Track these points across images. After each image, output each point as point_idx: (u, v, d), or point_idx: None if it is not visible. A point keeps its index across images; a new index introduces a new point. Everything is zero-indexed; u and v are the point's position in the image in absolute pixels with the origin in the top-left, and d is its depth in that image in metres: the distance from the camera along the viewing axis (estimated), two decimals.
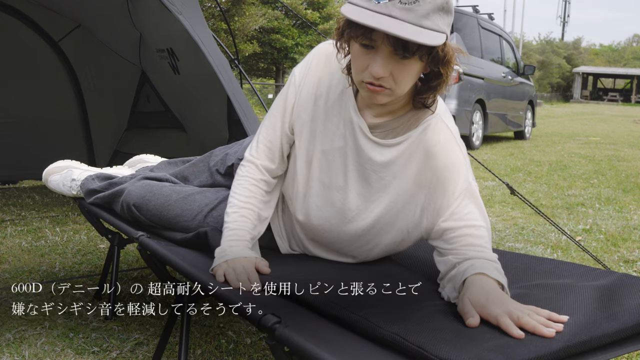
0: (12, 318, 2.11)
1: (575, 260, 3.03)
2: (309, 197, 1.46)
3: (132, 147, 4.34)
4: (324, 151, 1.42)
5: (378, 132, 1.37)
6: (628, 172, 6.46)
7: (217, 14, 15.77)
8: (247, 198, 1.47)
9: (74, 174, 2.16)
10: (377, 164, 1.37)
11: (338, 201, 1.42)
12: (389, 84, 1.23)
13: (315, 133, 1.43)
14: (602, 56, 66.14)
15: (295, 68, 1.47)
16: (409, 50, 1.17)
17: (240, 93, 2.97)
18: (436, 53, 1.21)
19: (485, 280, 1.17)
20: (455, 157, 1.34)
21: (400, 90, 1.26)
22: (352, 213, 1.42)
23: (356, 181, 1.40)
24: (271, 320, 1.03)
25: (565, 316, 1.08)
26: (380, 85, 1.23)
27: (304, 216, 1.49)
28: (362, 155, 1.38)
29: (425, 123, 1.35)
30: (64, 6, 4.13)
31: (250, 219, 1.46)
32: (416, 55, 1.19)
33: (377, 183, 1.38)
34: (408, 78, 1.24)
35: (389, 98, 1.27)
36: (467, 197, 1.32)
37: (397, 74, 1.22)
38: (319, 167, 1.43)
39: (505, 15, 43.94)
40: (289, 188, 1.51)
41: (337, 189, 1.42)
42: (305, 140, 1.45)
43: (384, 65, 1.20)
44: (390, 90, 1.25)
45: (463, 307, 1.13)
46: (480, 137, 9.06)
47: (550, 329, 1.02)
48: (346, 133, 1.39)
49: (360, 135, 1.37)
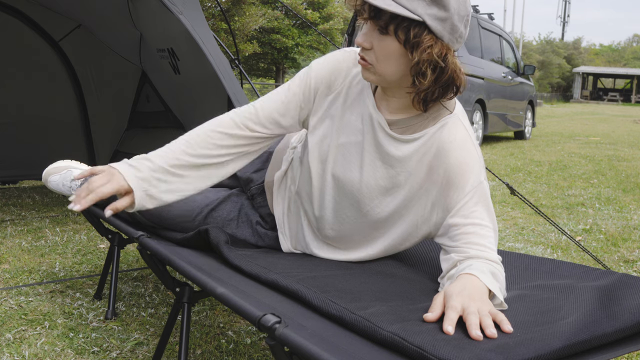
0: (12, 318, 2.11)
1: (575, 260, 3.03)
2: (325, 190, 1.47)
3: (132, 147, 4.34)
4: (340, 145, 1.44)
5: (396, 128, 1.39)
6: (628, 172, 6.46)
7: (217, 13, 15.77)
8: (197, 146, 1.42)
9: (74, 174, 2.16)
10: (393, 159, 1.39)
11: (354, 194, 1.44)
12: (371, 58, 1.30)
13: (331, 131, 1.45)
14: (602, 56, 66.17)
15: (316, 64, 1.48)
16: (380, 19, 1.24)
17: (240, 93, 2.97)
18: (408, 33, 1.24)
19: (471, 279, 1.17)
20: (470, 155, 1.35)
21: (381, 68, 1.30)
22: (368, 207, 1.44)
23: (372, 175, 1.41)
24: (271, 320, 1.03)
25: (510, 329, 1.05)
26: (363, 58, 1.30)
27: (321, 211, 1.50)
28: (380, 150, 1.40)
29: (442, 121, 1.37)
30: (64, 6, 4.13)
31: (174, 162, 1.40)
32: (390, 29, 1.24)
33: (394, 177, 1.40)
34: (387, 57, 1.28)
35: (374, 76, 1.32)
36: (477, 196, 1.33)
37: (377, 49, 1.28)
38: (334, 161, 1.45)
39: (505, 15, 43.92)
40: (305, 186, 1.52)
41: (352, 182, 1.43)
42: (319, 138, 1.46)
43: (365, 35, 1.29)
44: (373, 67, 1.30)
45: (434, 299, 1.14)
46: (480, 137, 9.06)
47: (478, 332, 1.01)
48: (364, 128, 1.41)
49: (379, 129, 1.39)
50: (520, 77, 10.46)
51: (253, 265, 1.41)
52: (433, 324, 1.07)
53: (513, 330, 1.05)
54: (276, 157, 1.71)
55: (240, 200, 1.75)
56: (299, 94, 1.47)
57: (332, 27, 22.23)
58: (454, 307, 1.07)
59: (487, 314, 1.06)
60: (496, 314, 1.07)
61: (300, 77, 1.48)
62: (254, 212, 1.73)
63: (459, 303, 1.08)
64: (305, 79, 1.47)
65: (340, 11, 22.70)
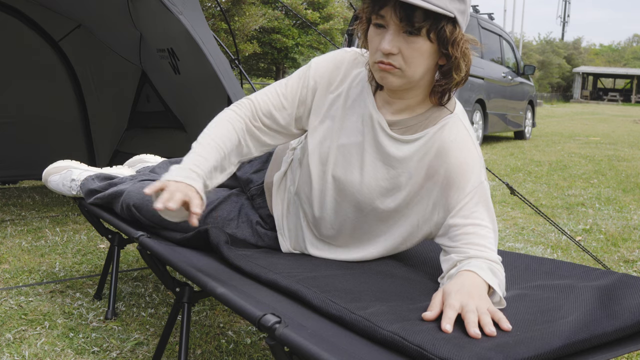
0: (12, 318, 2.11)
1: (575, 260, 3.03)
2: (326, 191, 1.47)
3: (132, 147, 4.34)
4: (340, 146, 1.44)
5: (396, 129, 1.39)
6: (628, 172, 6.46)
7: (217, 13, 15.78)
8: (224, 137, 1.41)
9: (74, 174, 2.17)
10: (394, 159, 1.39)
11: (354, 195, 1.44)
12: (399, 62, 1.26)
13: (331, 132, 1.44)
14: (602, 56, 66.17)
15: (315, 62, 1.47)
16: (413, 22, 1.21)
17: (240, 93, 2.97)
18: (443, 32, 1.24)
19: (470, 276, 1.17)
20: (470, 155, 1.35)
21: (411, 71, 1.27)
22: (369, 207, 1.43)
23: (373, 176, 1.41)
24: (271, 320, 1.03)
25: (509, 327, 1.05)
26: (390, 63, 1.26)
27: (321, 212, 1.50)
28: (380, 151, 1.40)
29: (443, 122, 1.37)
30: (64, 6, 4.13)
31: (217, 156, 1.39)
32: (422, 30, 1.23)
33: (395, 178, 1.39)
34: (417, 58, 1.26)
35: (400, 80, 1.29)
36: (477, 196, 1.33)
37: (406, 52, 1.25)
38: (334, 162, 1.45)
39: (505, 15, 43.94)
40: (305, 187, 1.51)
41: (353, 183, 1.43)
42: (319, 139, 1.46)
43: (391, 41, 1.24)
44: (401, 71, 1.27)
45: (432, 298, 1.14)
46: (480, 137, 9.06)
47: (476, 330, 1.01)
48: (365, 129, 1.41)
49: (379, 130, 1.39)
50: (520, 77, 10.46)
51: (253, 266, 1.41)
52: (433, 323, 1.07)
53: (512, 328, 1.05)
54: (276, 158, 1.71)
55: (240, 201, 1.75)
56: (297, 90, 1.46)
57: (332, 27, 22.23)
58: (452, 306, 1.07)
59: (485, 311, 1.06)
60: (495, 312, 1.07)
61: (299, 74, 1.48)
62: (254, 212, 1.73)
63: (457, 301, 1.08)
64: (304, 77, 1.46)
65: (340, 11, 22.70)
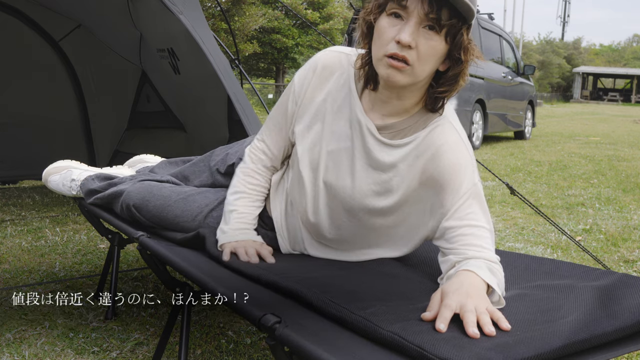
0: (12, 318, 2.11)
1: (575, 260, 3.03)
2: (319, 197, 1.47)
3: (132, 147, 4.34)
4: (330, 152, 1.43)
5: (385, 133, 1.38)
6: (628, 172, 6.46)
7: (217, 13, 15.78)
8: (253, 185, 1.57)
9: (74, 174, 2.16)
10: (384, 164, 1.37)
11: (347, 200, 1.43)
12: (412, 58, 1.24)
13: (320, 138, 1.44)
14: (602, 56, 66.13)
15: (296, 76, 1.49)
16: (440, 17, 1.20)
17: (240, 93, 2.97)
18: (461, 35, 1.24)
19: (469, 276, 1.17)
20: (462, 157, 1.35)
21: (420, 69, 1.26)
22: (362, 212, 1.43)
23: (364, 181, 1.40)
24: (271, 320, 1.03)
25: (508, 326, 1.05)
26: (404, 58, 1.23)
27: (315, 216, 1.49)
28: (370, 156, 1.38)
29: (433, 124, 1.36)
30: (64, 6, 4.13)
31: (255, 205, 1.58)
32: (444, 29, 1.22)
33: (386, 182, 1.38)
34: (431, 57, 1.25)
35: (407, 78, 1.27)
36: (472, 198, 1.32)
37: (422, 48, 1.23)
38: (325, 168, 1.44)
39: (505, 15, 43.88)
40: (296, 192, 1.51)
41: (345, 188, 1.42)
42: (308, 146, 1.46)
43: (412, 33, 1.22)
44: (411, 68, 1.25)
45: (431, 298, 1.14)
46: (480, 137, 9.06)
47: (475, 330, 1.01)
48: (353, 134, 1.40)
49: (368, 135, 1.38)
50: (520, 77, 10.46)
51: (253, 267, 1.41)
52: (433, 323, 1.07)
53: (512, 328, 1.05)
54: None
55: None
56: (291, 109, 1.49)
57: (332, 27, 22.21)
58: (448, 306, 1.07)
59: (484, 311, 1.06)
60: (494, 312, 1.07)
61: (286, 93, 1.51)
62: None
63: (454, 301, 1.08)
64: (289, 94, 1.50)
65: (340, 11, 22.68)
